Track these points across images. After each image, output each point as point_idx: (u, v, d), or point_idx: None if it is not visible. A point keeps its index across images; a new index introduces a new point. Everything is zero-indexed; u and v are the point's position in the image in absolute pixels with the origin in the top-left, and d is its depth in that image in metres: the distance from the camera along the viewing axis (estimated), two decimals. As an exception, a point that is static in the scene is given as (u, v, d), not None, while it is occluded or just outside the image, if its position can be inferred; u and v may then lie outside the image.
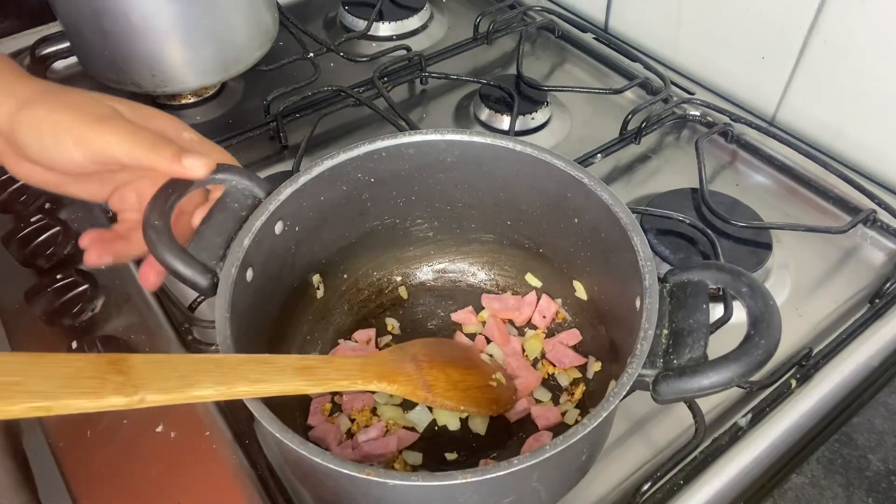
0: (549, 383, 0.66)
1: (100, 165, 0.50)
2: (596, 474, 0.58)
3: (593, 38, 1.07)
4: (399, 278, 0.73)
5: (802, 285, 0.74)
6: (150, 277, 0.54)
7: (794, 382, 0.64)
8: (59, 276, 0.68)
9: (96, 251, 0.53)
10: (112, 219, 0.77)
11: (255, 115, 0.94)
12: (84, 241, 0.54)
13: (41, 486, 0.67)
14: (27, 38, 1.04)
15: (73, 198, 0.56)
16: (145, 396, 0.40)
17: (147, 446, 0.60)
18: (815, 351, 0.66)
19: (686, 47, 1.01)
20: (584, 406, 0.63)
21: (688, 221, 0.75)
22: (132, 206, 0.56)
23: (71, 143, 0.48)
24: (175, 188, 0.56)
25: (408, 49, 1.02)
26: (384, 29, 1.11)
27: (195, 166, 0.51)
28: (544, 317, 0.69)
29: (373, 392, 0.64)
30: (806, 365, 0.65)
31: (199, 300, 0.70)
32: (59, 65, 1.03)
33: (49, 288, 0.68)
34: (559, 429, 0.61)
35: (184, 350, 0.67)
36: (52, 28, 1.05)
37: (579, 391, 0.64)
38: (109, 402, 0.39)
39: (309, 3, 1.19)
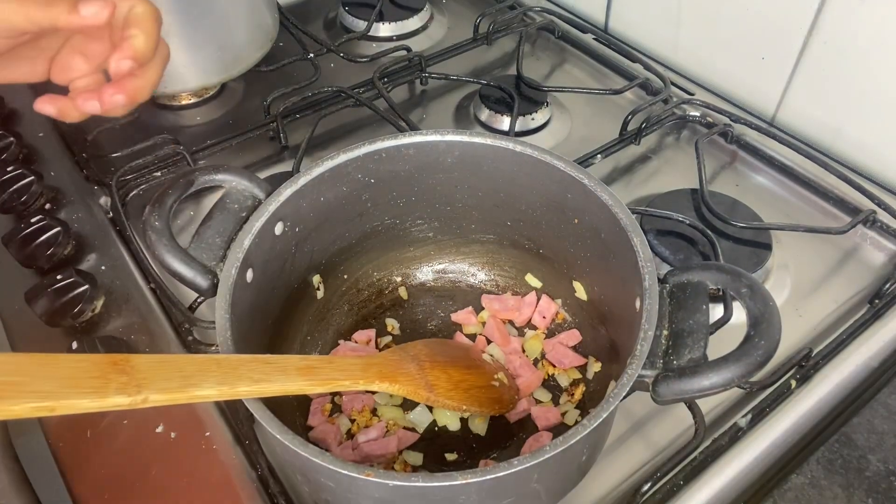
0: (549, 384, 0.66)
1: (7, 39, 0.49)
2: (596, 475, 0.58)
3: (593, 38, 1.07)
4: (399, 279, 0.73)
5: (802, 286, 0.75)
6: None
7: (793, 383, 0.64)
8: (59, 277, 0.68)
9: (46, 99, 0.52)
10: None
11: (255, 115, 0.94)
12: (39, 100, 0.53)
13: (41, 487, 0.67)
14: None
15: (12, 83, 0.54)
16: (148, 396, 0.40)
17: (147, 446, 0.60)
18: (815, 351, 0.66)
19: (686, 48, 1.01)
20: (584, 406, 0.63)
21: (688, 222, 0.75)
22: (82, 71, 0.53)
23: None
24: (175, 188, 0.57)
25: (408, 49, 1.02)
26: (384, 29, 1.11)
27: (93, 12, 0.48)
28: (544, 317, 0.69)
29: (373, 392, 0.64)
30: (806, 365, 0.65)
31: (199, 301, 0.70)
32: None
33: (49, 288, 0.68)
34: (559, 429, 0.61)
35: (184, 350, 0.67)
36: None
37: (579, 392, 0.64)
38: (112, 401, 0.39)
39: (309, 4, 1.19)
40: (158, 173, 0.85)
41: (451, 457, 0.61)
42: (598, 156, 0.88)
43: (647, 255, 0.53)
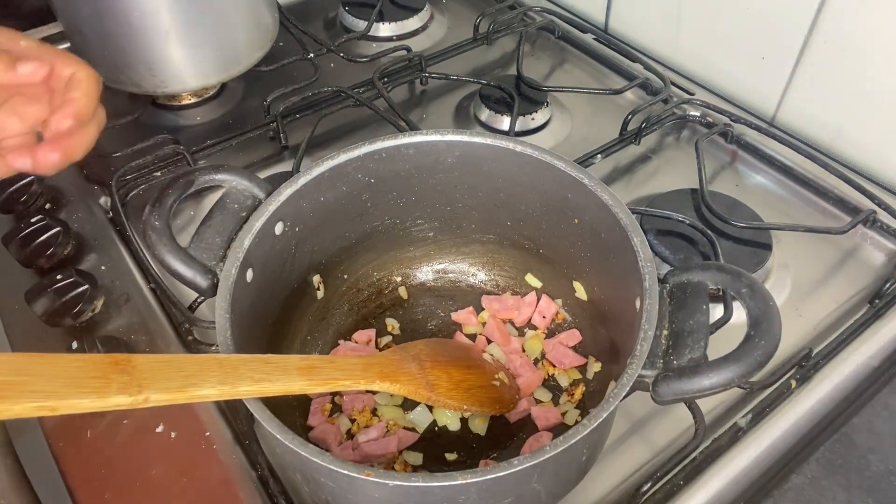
0: (549, 384, 0.66)
1: None
2: (596, 475, 0.58)
3: (593, 38, 1.07)
4: (399, 279, 0.73)
5: (802, 285, 0.75)
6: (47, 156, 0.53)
7: (793, 383, 0.64)
8: (59, 277, 0.68)
9: None
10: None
11: (255, 115, 0.94)
12: None
13: (41, 487, 0.67)
14: (27, 38, 1.04)
15: None
16: (149, 396, 0.40)
17: (147, 446, 0.60)
18: (815, 351, 0.66)
19: (686, 47, 1.01)
20: (584, 406, 0.63)
21: (688, 222, 0.75)
22: (14, 132, 0.54)
23: None
24: (175, 188, 0.57)
25: (408, 49, 1.02)
26: (384, 29, 1.11)
27: (30, 70, 0.51)
28: (544, 317, 0.69)
29: (374, 392, 0.64)
30: (806, 365, 0.65)
31: (199, 300, 0.70)
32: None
33: (49, 288, 0.68)
34: (559, 429, 0.62)
35: (184, 350, 0.67)
36: (53, 28, 1.05)
37: (579, 392, 0.64)
38: (114, 401, 0.39)
39: (309, 4, 1.19)
40: (158, 173, 0.85)
41: (451, 457, 0.61)
42: (598, 156, 0.88)
43: (647, 255, 0.53)
